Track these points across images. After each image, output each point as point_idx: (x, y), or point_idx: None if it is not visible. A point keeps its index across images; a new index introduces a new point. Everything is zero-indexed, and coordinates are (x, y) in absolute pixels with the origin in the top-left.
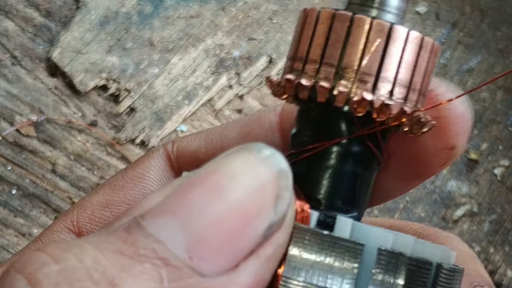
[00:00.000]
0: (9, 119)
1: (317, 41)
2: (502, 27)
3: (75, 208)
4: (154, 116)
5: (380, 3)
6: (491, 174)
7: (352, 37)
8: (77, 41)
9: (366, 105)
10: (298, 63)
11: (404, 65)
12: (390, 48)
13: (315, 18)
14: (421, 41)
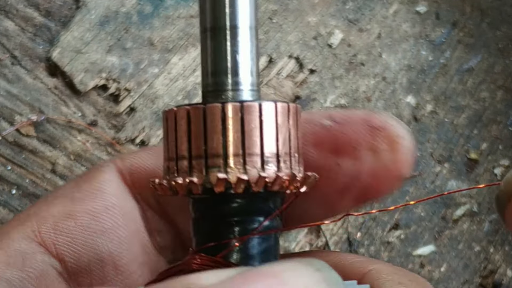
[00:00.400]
0: (9, 119)
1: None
2: (502, 27)
3: (32, 218)
4: (154, 116)
5: (233, 84)
6: (491, 174)
7: (210, 126)
8: (77, 41)
9: (242, 183)
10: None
11: (266, 136)
12: (247, 125)
13: (174, 118)
14: (275, 109)
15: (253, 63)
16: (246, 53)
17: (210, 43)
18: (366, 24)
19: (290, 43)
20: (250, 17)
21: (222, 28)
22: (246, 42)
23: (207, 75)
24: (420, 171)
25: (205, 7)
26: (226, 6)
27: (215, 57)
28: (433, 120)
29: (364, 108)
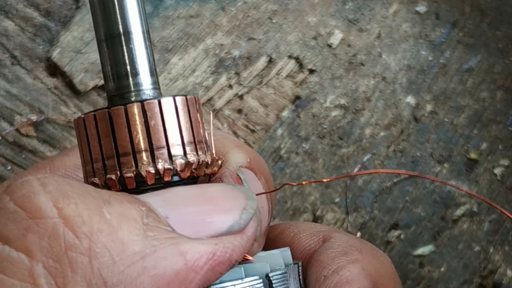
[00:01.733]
0: (8, 119)
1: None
2: (502, 27)
3: (46, 165)
4: None
5: (134, 85)
6: (491, 174)
7: (116, 127)
8: (77, 41)
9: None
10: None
11: (170, 129)
12: (150, 121)
13: (83, 124)
14: (174, 103)
15: (150, 64)
16: (142, 55)
17: (107, 50)
18: (366, 24)
19: (290, 43)
20: (140, 23)
21: (116, 35)
22: (141, 45)
23: (109, 80)
24: (420, 171)
25: (97, 17)
26: (117, 14)
27: (114, 62)
28: (433, 120)
29: (364, 108)
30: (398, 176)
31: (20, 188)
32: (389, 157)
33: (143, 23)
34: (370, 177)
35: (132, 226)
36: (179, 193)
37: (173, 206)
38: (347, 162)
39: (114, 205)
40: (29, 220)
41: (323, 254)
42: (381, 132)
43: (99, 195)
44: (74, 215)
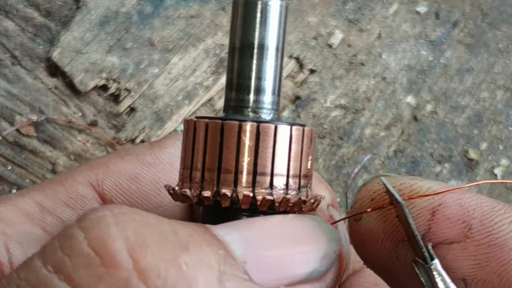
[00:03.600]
0: (9, 119)
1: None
2: (502, 27)
3: (100, 166)
4: (154, 116)
5: (254, 102)
6: (491, 174)
7: (226, 141)
8: (77, 41)
9: (249, 202)
10: (196, 173)
11: (278, 158)
12: (261, 145)
13: (193, 128)
14: (290, 132)
15: (276, 83)
16: (270, 73)
17: (237, 60)
18: (366, 24)
19: (290, 43)
20: (278, 38)
21: (250, 46)
22: (272, 62)
23: (230, 90)
24: (420, 171)
25: (236, 24)
26: (257, 25)
27: (240, 74)
28: (433, 120)
29: (364, 108)
30: None
31: (95, 226)
32: (389, 157)
33: (280, 39)
34: (370, 177)
35: (209, 276)
36: (260, 232)
37: (252, 248)
38: (347, 162)
39: (192, 251)
40: (102, 268)
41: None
42: (381, 132)
43: (177, 240)
44: (150, 268)
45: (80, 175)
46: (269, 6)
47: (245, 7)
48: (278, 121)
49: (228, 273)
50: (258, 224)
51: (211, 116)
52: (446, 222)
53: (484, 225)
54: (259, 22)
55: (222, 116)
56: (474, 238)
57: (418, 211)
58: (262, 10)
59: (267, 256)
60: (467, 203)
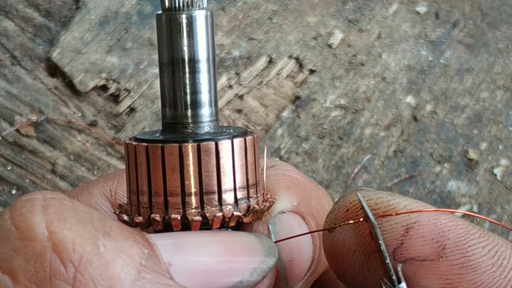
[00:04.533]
0: (9, 119)
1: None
2: (502, 27)
3: (115, 177)
4: (154, 116)
5: (192, 117)
6: (491, 174)
7: (168, 165)
8: (77, 41)
9: (199, 223)
10: (143, 197)
11: (224, 174)
12: (204, 165)
13: (134, 152)
14: (232, 146)
15: (211, 94)
16: (204, 85)
17: (168, 76)
18: (366, 24)
19: (290, 43)
20: (207, 50)
21: (179, 61)
22: (204, 74)
23: (165, 107)
24: (420, 171)
25: (162, 39)
26: (184, 39)
27: (174, 90)
28: (433, 120)
29: (364, 108)
30: (398, 176)
31: (22, 205)
32: (389, 157)
33: (210, 50)
34: (371, 177)
35: (127, 264)
36: (193, 240)
37: (181, 253)
38: (347, 162)
39: (114, 239)
40: (19, 241)
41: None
42: (381, 132)
43: (102, 226)
44: (65, 241)
45: (95, 188)
46: (194, 18)
47: (169, 22)
48: (218, 134)
49: (148, 268)
50: (195, 234)
51: (150, 139)
52: (420, 240)
53: (459, 247)
54: (186, 36)
55: (160, 138)
56: (448, 258)
57: (392, 226)
58: (187, 23)
59: (194, 261)
60: (443, 224)
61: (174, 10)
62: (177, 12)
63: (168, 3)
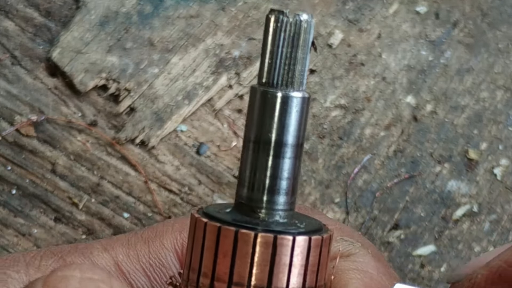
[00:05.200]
0: (9, 119)
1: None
2: (502, 27)
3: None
4: (154, 116)
5: (267, 202)
6: (491, 174)
7: (239, 253)
8: (77, 41)
9: None
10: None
11: (294, 272)
12: (277, 259)
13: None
14: (308, 244)
15: (293, 182)
16: (287, 172)
17: (251, 155)
18: (366, 24)
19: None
20: (298, 135)
21: (267, 142)
22: (290, 160)
23: (242, 186)
24: (420, 171)
25: (252, 116)
26: (275, 120)
27: (254, 171)
28: (433, 120)
29: (364, 108)
30: (398, 176)
31: (56, 283)
32: (389, 157)
33: (301, 135)
34: (370, 177)
35: None
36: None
37: None
38: (347, 162)
39: None
40: None
41: None
42: (381, 132)
43: None
44: None
45: (168, 238)
46: (290, 99)
47: (263, 99)
48: (286, 227)
49: None
50: None
51: (222, 219)
52: None
53: None
54: (278, 117)
55: (233, 219)
56: None
57: None
58: (282, 103)
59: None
60: None
61: (271, 86)
62: (273, 90)
63: (265, 78)
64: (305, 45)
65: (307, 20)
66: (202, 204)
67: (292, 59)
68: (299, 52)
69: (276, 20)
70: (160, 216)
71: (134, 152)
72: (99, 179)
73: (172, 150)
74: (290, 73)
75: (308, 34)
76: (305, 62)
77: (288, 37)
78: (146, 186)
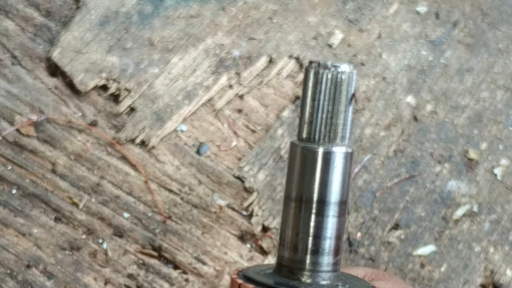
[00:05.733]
0: (9, 119)
1: None
2: (502, 27)
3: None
4: (154, 116)
5: (311, 263)
6: (491, 174)
7: None
8: (77, 41)
9: None
10: None
11: None
12: None
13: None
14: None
15: (337, 242)
16: (331, 231)
17: (293, 214)
18: (366, 24)
19: (290, 43)
20: (341, 192)
21: (309, 200)
22: (334, 219)
23: (284, 247)
24: (420, 171)
25: (293, 173)
26: (317, 177)
27: (296, 231)
28: (433, 120)
29: (364, 108)
30: (398, 176)
31: None
32: (389, 157)
33: (344, 192)
34: (371, 177)
35: None
36: None
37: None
38: None
39: None
40: None
41: None
42: (381, 132)
43: None
44: None
45: None
46: (332, 155)
47: (304, 155)
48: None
49: None
50: None
51: (262, 282)
52: None
53: None
54: (320, 174)
55: (275, 282)
56: None
57: None
58: (324, 159)
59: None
60: None
61: (312, 142)
62: (314, 146)
63: (306, 134)
64: (346, 98)
65: (348, 72)
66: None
67: (333, 113)
68: (340, 105)
69: (316, 73)
70: (160, 216)
71: (134, 152)
72: (99, 179)
73: (172, 150)
74: (332, 128)
75: (350, 86)
76: (347, 115)
77: (328, 90)
78: (146, 186)
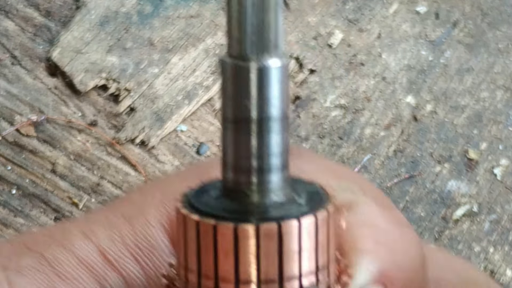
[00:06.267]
0: (9, 119)
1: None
2: (502, 27)
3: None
4: (154, 116)
5: (258, 184)
6: (491, 174)
7: (241, 249)
8: (77, 41)
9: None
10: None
11: (305, 256)
12: (285, 247)
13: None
14: (299, 227)
15: (283, 157)
16: (275, 148)
17: (232, 136)
18: (366, 24)
19: (290, 43)
20: (281, 106)
21: (247, 120)
22: (276, 135)
23: (227, 170)
24: (420, 171)
25: (226, 93)
26: (253, 94)
27: (237, 152)
28: (433, 120)
29: (364, 108)
30: (398, 176)
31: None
32: (389, 157)
33: (284, 106)
34: (370, 177)
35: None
36: None
37: None
38: (347, 162)
39: None
40: None
41: None
42: (381, 132)
43: None
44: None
45: (152, 213)
46: (267, 70)
47: (236, 72)
48: (286, 207)
49: None
50: None
51: (213, 213)
52: None
53: None
54: (256, 90)
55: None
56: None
57: None
58: (258, 76)
59: None
60: None
61: (243, 58)
62: (246, 61)
63: (236, 49)
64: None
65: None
66: None
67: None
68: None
69: None
70: None
71: (134, 152)
72: (99, 179)
73: (172, 150)
74: (263, 39)
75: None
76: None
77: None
78: None
